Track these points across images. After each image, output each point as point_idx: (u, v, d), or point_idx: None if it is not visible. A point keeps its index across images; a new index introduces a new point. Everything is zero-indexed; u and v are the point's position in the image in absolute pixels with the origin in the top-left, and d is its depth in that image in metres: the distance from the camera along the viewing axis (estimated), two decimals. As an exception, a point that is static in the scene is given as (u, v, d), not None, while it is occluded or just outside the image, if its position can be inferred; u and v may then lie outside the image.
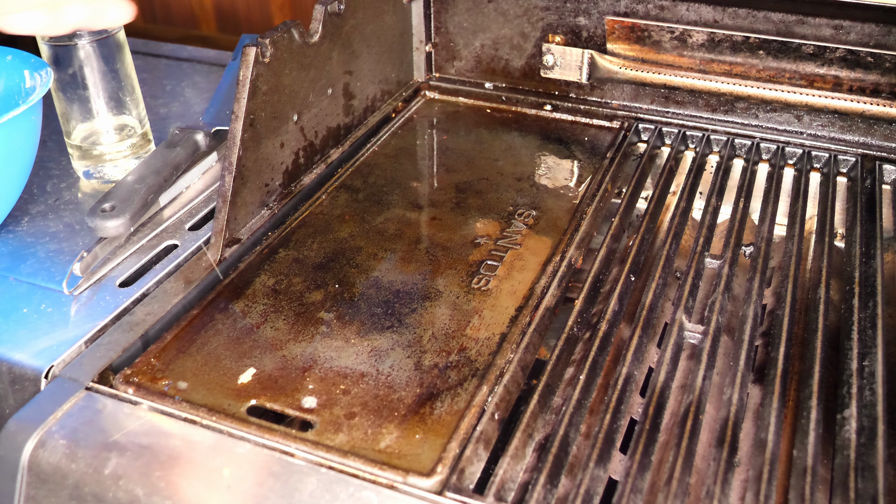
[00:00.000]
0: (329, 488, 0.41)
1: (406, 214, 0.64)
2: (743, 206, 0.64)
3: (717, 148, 0.73)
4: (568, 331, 0.51)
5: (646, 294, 0.54)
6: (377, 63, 0.77)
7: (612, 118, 0.78)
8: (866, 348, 0.50)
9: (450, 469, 0.41)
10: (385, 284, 0.56)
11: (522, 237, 0.61)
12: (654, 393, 0.47)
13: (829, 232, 0.61)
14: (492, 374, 0.47)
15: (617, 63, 0.79)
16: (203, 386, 0.47)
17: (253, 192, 0.61)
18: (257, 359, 0.49)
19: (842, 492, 0.41)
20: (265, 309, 0.54)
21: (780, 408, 0.46)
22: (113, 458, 0.43)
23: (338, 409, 0.45)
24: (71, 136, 0.73)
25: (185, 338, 0.51)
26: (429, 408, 0.45)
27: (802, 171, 0.69)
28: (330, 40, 0.67)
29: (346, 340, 0.51)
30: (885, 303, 0.53)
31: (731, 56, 0.75)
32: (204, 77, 0.93)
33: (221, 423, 0.44)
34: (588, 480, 0.41)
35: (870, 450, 0.43)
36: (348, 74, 0.72)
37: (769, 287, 0.59)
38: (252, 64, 0.57)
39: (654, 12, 0.76)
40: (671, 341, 0.51)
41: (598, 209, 0.63)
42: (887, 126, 0.72)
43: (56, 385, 0.47)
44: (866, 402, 0.46)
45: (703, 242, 0.60)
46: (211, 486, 0.41)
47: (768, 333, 0.54)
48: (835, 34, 0.71)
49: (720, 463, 0.43)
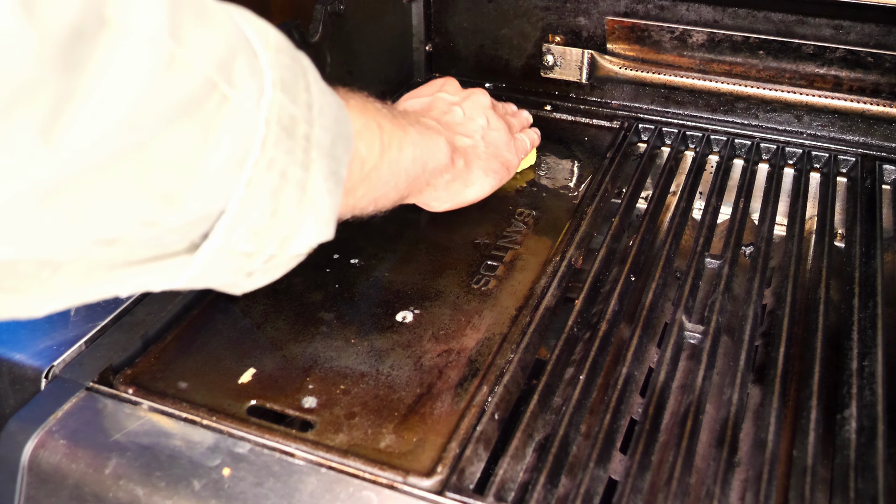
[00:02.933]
0: (329, 488, 0.41)
1: (406, 214, 0.64)
2: (743, 206, 0.64)
3: (717, 148, 0.73)
4: (568, 331, 0.51)
5: (646, 294, 0.54)
6: (377, 63, 0.76)
7: (612, 118, 0.78)
8: (866, 348, 0.50)
9: (450, 469, 0.41)
10: (385, 284, 0.56)
11: (522, 237, 0.61)
12: (654, 393, 0.47)
13: (829, 232, 0.61)
14: (492, 374, 0.47)
15: (617, 63, 0.79)
16: (203, 386, 0.47)
17: (253, 192, 0.61)
18: (257, 359, 0.49)
19: (842, 492, 0.41)
20: (265, 309, 0.54)
21: (780, 408, 0.46)
22: (113, 458, 0.43)
23: (338, 409, 0.45)
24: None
25: (185, 338, 0.51)
26: (429, 408, 0.45)
27: (802, 171, 0.69)
28: (330, 40, 0.67)
29: (346, 340, 0.51)
30: (885, 303, 0.53)
31: (731, 56, 0.75)
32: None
33: (221, 423, 0.44)
34: (588, 480, 0.41)
35: (870, 450, 0.43)
36: (348, 74, 0.72)
37: (769, 287, 0.59)
38: (252, 64, 0.57)
39: (654, 12, 0.76)
40: (671, 341, 0.51)
41: (598, 209, 0.63)
42: (887, 126, 0.72)
43: (56, 385, 0.47)
44: (866, 402, 0.46)
45: (703, 242, 0.60)
46: (211, 486, 0.41)
47: (768, 333, 0.54)
48: (835, 34, 0.71)
49: (720, 463, 0.43)
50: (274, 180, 0.33)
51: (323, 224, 0.37)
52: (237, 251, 0.34)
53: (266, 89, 0.32)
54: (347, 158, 0.39)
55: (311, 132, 0.35)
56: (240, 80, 0.31)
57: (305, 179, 0.35)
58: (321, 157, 0.36)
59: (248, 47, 0.32)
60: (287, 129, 0.33)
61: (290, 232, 0.35)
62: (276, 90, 0.33)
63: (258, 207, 0.33)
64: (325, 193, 0.36)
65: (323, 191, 0.36)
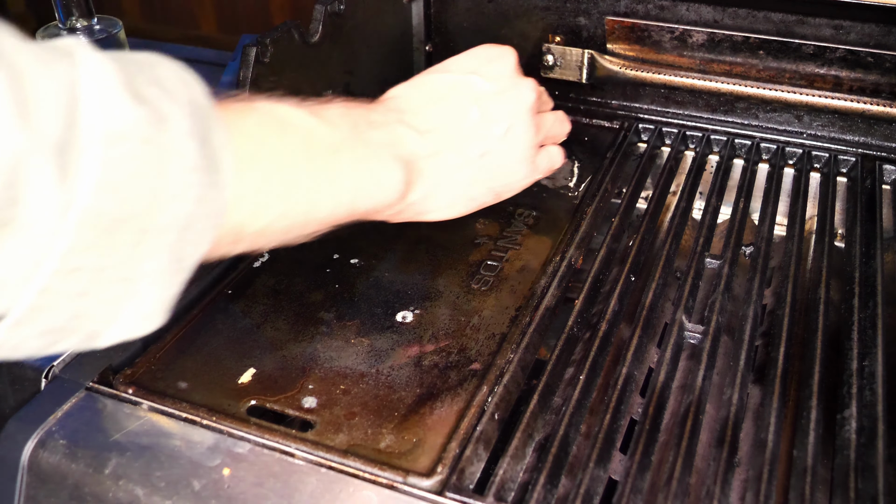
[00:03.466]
0: (329, 488, 0.41)
1: (406, 214, 0.64)
2: (743, 206, 0.64)
3: (717, 148, 0.73)
4: (568, 331, 0.51)
5: (646, 294, 0.54)
6: (377, 63, 0.76)
7: (612, 118, 0.78)
8: (866, 348, 0.50)
9: (450, 469, 0.41)
10: (385, 284, 0.56)
11: (522, 237, 0.61)
12: (654, 393, 0.47)
13: (829, 232, 0.61)
14: (492, 374, 0.47)
15: (617, 63, 0.79)
16: (203, 386, 0.47)
17: (253, 192, 0.61)
18: (257, 359, 0.49)
19: (842, 492, 0.41)
20: (265, 309, 0.54)
21: (780, 408, 0.46)
22: (113, 458, 0.43)
23: (338, 409, 0.45)
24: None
25: (185, 338, 0.51)
26: (429, 408, 0.45)
27: (802, 171, 0.69)
28: (330, 40, 0.67)
29: (346, 340, 0.51)
30: (885, 303, 0.53)
31: (731, 56, 0.75)
32: (204, 77, 0.92)
33: (221, 423, 0.44)
34: (588, 480, 0.41)
35: (870, 450, 0.43)
36: (348, 74, 0.72)
37: (769, 287, 0.59)
38: (252, 64, 0.57)
39: (654, 12, 0.76)
40: (671, 341, 0.51)
41: (598, 209, 0.63)
42: (887, 126, 0.72)
43: (56, 385, 0.47)
44: (866, 402, 0.46)
45: (703, 242, 0.60)
46: (211, 486, 0.41)
47: (768, 333, 0.54)
48: (835, 34, 0.71)
49: (720, 463, 0.43)
50: (79, 284, 0.29)
51: (145, 319, 0.33)
52: (31, 344, 0.31)
53: (80, 195, 0.28)
54: (209, 238, 0.33)
55: (152, 224, 0.30)
56: (31, 198, 0.27)
57: (131, 275, 0.31)
58: (160, 249, 0.31)
59: (56, 152, 0.27)
60: (109, 229, 0.29)
61: (98, 328, 0.32)
62: (99, 192, 0.28)
63: (54, 312, 0.30)
64: (159, 286, 0.32)
65: (156, 284, 0.32)
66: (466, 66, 0.52)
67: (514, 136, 0.51)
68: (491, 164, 0.50)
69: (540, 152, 0.54)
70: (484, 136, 0.50)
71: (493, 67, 0.51)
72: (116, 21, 0.72)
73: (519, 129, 0.51)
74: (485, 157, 0.50)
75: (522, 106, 0.51)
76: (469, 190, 0.51)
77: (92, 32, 0.69)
